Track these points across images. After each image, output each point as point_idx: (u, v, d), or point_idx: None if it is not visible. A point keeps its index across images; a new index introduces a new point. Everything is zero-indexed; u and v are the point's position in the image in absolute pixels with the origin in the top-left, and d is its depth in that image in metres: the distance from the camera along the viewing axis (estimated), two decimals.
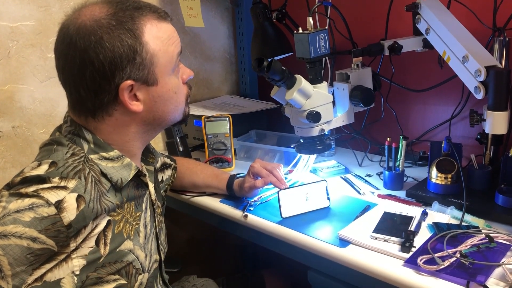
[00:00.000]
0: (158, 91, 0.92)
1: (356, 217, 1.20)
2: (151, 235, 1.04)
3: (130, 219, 0.96)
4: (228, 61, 2.04)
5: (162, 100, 0.93)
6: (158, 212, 1.10)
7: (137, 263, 0.96)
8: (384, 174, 1.40)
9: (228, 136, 1.59)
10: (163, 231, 1.15)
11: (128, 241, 0.94)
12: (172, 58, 0.92)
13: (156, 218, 1.07)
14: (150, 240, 1.03)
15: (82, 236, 0.84)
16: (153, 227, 1.05)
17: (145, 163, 1.09)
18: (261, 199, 1.34)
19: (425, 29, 1.27)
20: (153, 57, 0.89)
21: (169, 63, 0.92)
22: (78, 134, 0.91)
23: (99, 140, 0.92)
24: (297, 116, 1.29)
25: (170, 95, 0.94)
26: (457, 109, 1.46)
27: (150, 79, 0.90)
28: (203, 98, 1.96)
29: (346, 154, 1.71)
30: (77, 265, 0.83)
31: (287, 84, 1.23)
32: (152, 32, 0.88)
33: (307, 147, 1.35)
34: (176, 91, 0.95)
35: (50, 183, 0.82)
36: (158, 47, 0.89)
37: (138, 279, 0.96)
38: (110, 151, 0.93)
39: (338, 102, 1.37)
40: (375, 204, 1.27)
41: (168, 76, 0.92)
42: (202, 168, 1.41)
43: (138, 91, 0.90)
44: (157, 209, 1.09)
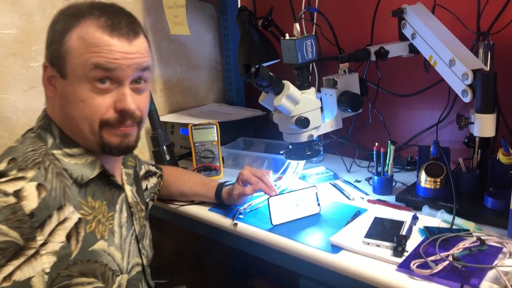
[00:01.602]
0: (66, 87, 0.91)
1: (347, 223, 1.19)
2: (129, 236, 1.03)
3: (103, 219, 0.95)
4: (214, 69, 2.03)
5: (67, 99, 0.91)
6: (141, 216, 1.10)
7: (113, 264, 0.95)
8: (373, 179, 1.39)
9: (216, 144, 1.57)
10: (148, 236, 1.13)
11: (101, 242, 0.93)
12: (84, 65, 0.88)
13: (136, 222, 1.06)
14: (128, 241, 1.02)
15: (48, 227, 0.83)
16: (130, 229, 1.04)
17: (124, 166, 1.08)
18: (250, 206, 1.32)
19: (411, 34, 1.27)
20: (68, 52, 0.89)
21: (80, 68, 0.88)
22: (46, 129, 0.94)
23: (65, 136, 0.94)
24: (285, 122, 1.28)
25: (75, 99, 0.90)
26: (443, 113, 1.47)
27: (63, 71, 0.90)
28: (190, 106, 1.94)
29: (334, 160, 1.70)
30: (47, 262, 0.82)
31: (275, 90, 1.22)
32: (80, 32, 0.88)
33: (296, 153, 1.34)
34: (83, 100, 0.89)
35: (7, 176, 0.83)
36: (75, 46, 0.88)
37: (116, 281, 0.95)
38: (74, 148, 0.94)
39: (326, 108, 1.36)
40: (365, 209, 1.27)
41: (78, 80, 0.89)
42: (190, 176, 1.40)
43: (54, 78, 0.92)
44: (139, 213, 1.09)
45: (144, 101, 0.98)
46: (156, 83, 1.81)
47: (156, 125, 1.54)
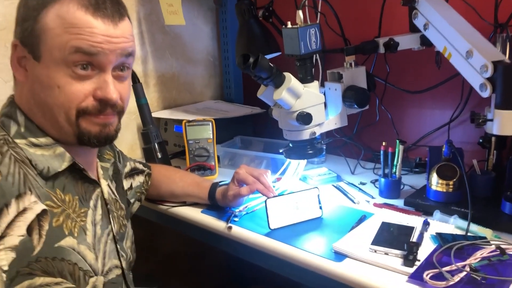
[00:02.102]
0: (39, 70, 0.81)
1: (351, 228, 1.09)
2: (104, 236, 0.93)
3: (73, 214, 0.86)
4: (212, 64, 1.93)
5: (40, 83, 0.82)
6: (120, 215, 1.00)
7: (84, 264, 0.86)
8: (380, 181, 1.29)
9: (211, 141, 1.47)
10: (129, 238, 1.04)
11: (70, 238, 0.84)
12: (63, 48, 0.79)
13: (113, 221, 0.97)
14: (103, 241, 0.92)
15: (5, 219, 0.75)
16: (106, 228, 0.94)
17: (99, 159, 0.99)
18: (246, 209, 1.22)
19: (423, 24, 1.17)
20: (43, 31, 0.80)
21: (57, 50, 0.79)
22: (10, 116, 0.85)
23: (31, 124, 0.85)
24: (286, 118, 1.18)
25: (50, 84, 0.81)
26: (455, 111, 1.37)
27: (35, 51, 0.81)
28: (185, 103, 1.84)
29: (337, 161, 1.60)
30: (5, 258, 0.74)
31: (275, 82, 1.12)
32: (60, 10, 0.79)
33: (297, 152, 1.24)
34: (60, 86, 0.80)
35: None
36: (53, 25, 0.79)
37: (90, 282, 0.86)
38: (41, 137, 0.85)
39: (330, 103, 1.26)
40: (372, 213, 1.17)
41: (54, 63, 0.80)
42: (182, 175, 1.29)
43: (25, 59, 0.82)
44: (118, 211, 1.00)
45: (126, 90, 0.90)
46: (149, 77, 1.71)
47: (147, 120, 1.45)
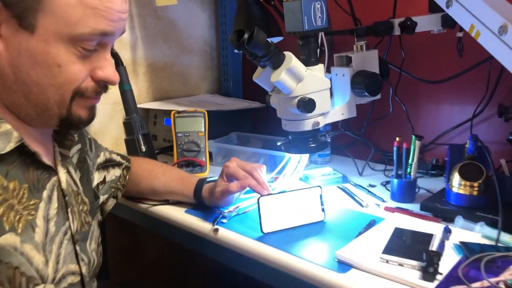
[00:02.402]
0: (30, 43, 0.67)
1: (358, 234, 0.93)
2: (60, 234, 0.77)
3: (18, 206, 0.70)
4: (209, 55, 1.78)
5: (30, 58, 0.68)
6: (82, 210, 0.85)
7: (28, 269, 0.70)
8: (392, 183, 1.13)
9: (203, 135, 1.32)
10: (94, 238, 0.88)
11: (11, 235, 0.68)
12: (75, 23, 0.67)
13: (73, 216, 0.81)
14: (57, 241, 0.76)
15: None
16: (63, 225, 0.78)
17: (60, 145, 0.84)
18: (237, 209, 1.06)
19: (446, 1, 1.01)
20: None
21: (66, 25, 0.66)
22: None
23: None
24: (285, 105, 1.02)
25: (47, 62, 0.68)
26: (479, 106, 1.20)
27: (25, 19, 0.66)
28: (178, 95, 1.69)
29: (343, 162, 1.44)
30: None
31: (273, 62, 0.97)
32: None
33: (298, 145, 1.08)
34: (60, 65, 0.68)
35: None
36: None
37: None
38: None
39: (337, 91, 1.10)
40: (382, 218, 1.00)
41: (56, 38, 0.67)
42: (165, 170, 1.14)
43: (4, 22, 0.66)
44: (80, 206, 0.84)
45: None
46: (138, 65, 1.56)
47: (130, 108, 1.29)
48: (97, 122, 1.47)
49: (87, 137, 1.01)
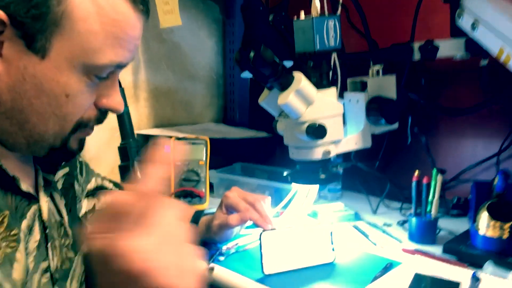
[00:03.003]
0: (38, 69, 0.58)
1: (373, 279, 0.81)
2: (38, 272, 0.66)
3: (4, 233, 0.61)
4: (215, 83, 1.70)
5: (36, 86, 0.59)
6: (65, 244, 0.74)
7: None
8: (410, 222, 1.01)
9: (203, 164, 1.22)
10: (76, 276, 0.77)
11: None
12: (93, 53, 0.59)
13: (53, 252, 0.70)
14: (35, 280, 0.65)
15: None
16: (41, 262, 0.67)
17: (43, 168, 0.73)
18: (237, 246, 0.95)
19: (471, 24, 0.93)
20: (67, 19, 0.56)
21: (82, 53, 0.58)
22: None
23: None
24: (293, 131, 0.93)
25: (55, 91, 0.59)
26: (507, 139, 1.10)
27: (37, 41, 0.56)
28: (181, 123, 1.60)
29: (355, 198, 1.33)
30: None
31: (281, 82, 0.88)
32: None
33: (306, 176, 0.97)
34: (69, 94, 0.60)
35: None
36: (85, 15, 0.57)
37: None
38: None
39: (350, 118, 1.01)
40: (399, 262, 0.89)
41: (70, 66, 0.59)
42: None
43: (8, 40, 0.56)
44: (61, 239, 0.73)
45: None
46: (140, 90, 1.48)
47: (127, 133, 1.20)
48: (93, 148, 1.38)
49: (78, 160, 0.91)
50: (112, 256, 0.44)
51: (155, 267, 0.43)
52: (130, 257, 0.43)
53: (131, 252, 0.43)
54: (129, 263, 0.43)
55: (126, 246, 0.44)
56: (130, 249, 0.43)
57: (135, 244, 0.44)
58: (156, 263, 0.44)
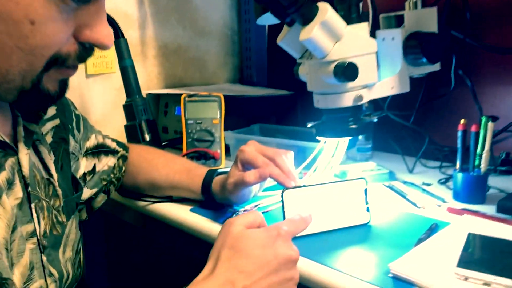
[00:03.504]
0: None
1: (418, 241, 0.69)
2: (22, 238, 0.56)
3: None
4: (229, 39, 1.56)
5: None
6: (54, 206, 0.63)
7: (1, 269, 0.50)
8: (455, 178, 0.88)
9: (218, 122, 1.10)
10: (69, 243, 0.66)
11: None
12: None
13: (40, 214, 0.60)
14: (16, 245, 0.54)
15: None
16: (25, 224, 0.57)
17: (24, 116, 0.62)
18: (256, 208, 0.83)
19: None
20: None
21: None
22: None
23: None
24: (318, 73, 0.79)
25: (15, 16, 0.46)
26: None
27: None
28: (194, 83, 1.48)
29: (387, 158, 1.20)
30: None
31: (303, 14, 0.74)
32: None
33: (334, 127, 0.84)
34: (34, 21, 0.47)
35: None
36: None
37: None
38: None
39: (384, 59, 0.87)
40: (446, 222, 0.76)
41: None
42: (167, 160, 0.92)
43: None
44: (50, 200, 0.63)
45: None
46: (148, 47, 1.36)
47: (132, 89, 1.09)
48: (98, 110, 1.27)
49: (74, 112, 0.80)
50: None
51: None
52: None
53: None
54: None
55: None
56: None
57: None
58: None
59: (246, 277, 0.52)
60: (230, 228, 0.55)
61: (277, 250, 0.54)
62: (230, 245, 0.54)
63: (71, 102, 0.81)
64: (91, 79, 1.24)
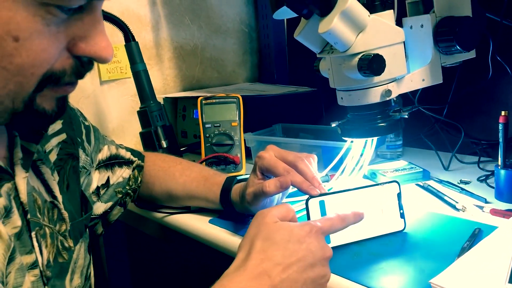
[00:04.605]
0: None
1: (461, 251, 0.61)
2: (22, 268, 0.51)
3: None
4: (247, 37, 1.51)
5: None
6: (58, 231, 0.59)
7: None
8: (497, 175, 0.80)
9: (237, 125, 1.04)
10: (77, 269, 0.62)
11: None
12: None
13: (42, 242, 0.55)
14: (14, 277, 0.50)
15: None
16: (26, 254, 0.52)
17: (22, 135, 0.56)
18: None
19: None
20: None
21: None
22: None
23: None
24: (341, 68, 0.73)
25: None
26: None
27: None
28: (212, 84, 1.43)
29: (419, 155, 1.12)
30: None
31: (321, 4, 0.68)
32: None
33: (360, 126, 0.77)
34: (19, 37, 0.41)
35: None
36: None
37: None
38: None
39: (413, 49, 0.79)
40: (492, 226, 0.68)
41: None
42: (184, 168, 0.87)
43: None
44: (50, 225, 0.58)
45: None
46: (163, 49, 1.31)
47: (146, 94, 1.04)
48: (115, 118, 1.23)
49: (83, 124, 0.76)
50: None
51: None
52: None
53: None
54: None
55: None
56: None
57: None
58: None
59: (283, 270, 0.50)
60: (265, 220, 0.54)
61: (310, 245, 0.52)
62: (265, 236, 0.52)
63: (80, 113, 0.77)
64: (105, 86, 1.20)
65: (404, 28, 0.80)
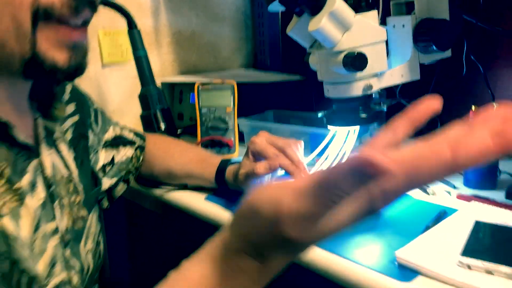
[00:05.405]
0: None
1: (425, 229, 0.70)
2: (47, 234, 0.58)
3: (5, 187, 0.53)
4: (243, 24, 1.57)
5: None
6: (75, 202, 0.66)
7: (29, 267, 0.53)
8: None
9: (231, 110, 1.12)
10: (90, 236, 0.69)
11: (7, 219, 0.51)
12: None
13: (62, 211, 0.62)
14: (40, 241, 0.57)
15: None
16: (49, 222, 0.59)
17: (44, 115, 0.64)
18: None
19: None
20: None
21: None
22: None
23: None
24: (327, 63, 0.80)
25: None
26: None
27: None
28: (208, 69, 1.50)
29: None
30: None
31: (312, 4, 0.75)
32: None
33: (344, 116, 0.85)
34: None
35: None
36: None
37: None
38: None
39: (395, 47, 0.87)
40: (454, 209, 0.77)
41: None
42: (183, 149, 0.95)
43: None
44: (70, 196, 0.65)
45: None
46: (161, 35, 1.38)
47: (146, 79, 1.11)
48: (116, 100, 1.30)
49: (92, 107, 0.83)
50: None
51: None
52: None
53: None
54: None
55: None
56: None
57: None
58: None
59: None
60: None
61: None
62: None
63: (88, 97, 0.84)
64: (107, 69, 1.27)
65: (387, 27, 0.88)
